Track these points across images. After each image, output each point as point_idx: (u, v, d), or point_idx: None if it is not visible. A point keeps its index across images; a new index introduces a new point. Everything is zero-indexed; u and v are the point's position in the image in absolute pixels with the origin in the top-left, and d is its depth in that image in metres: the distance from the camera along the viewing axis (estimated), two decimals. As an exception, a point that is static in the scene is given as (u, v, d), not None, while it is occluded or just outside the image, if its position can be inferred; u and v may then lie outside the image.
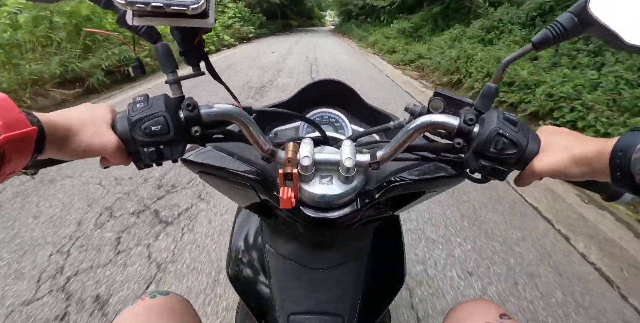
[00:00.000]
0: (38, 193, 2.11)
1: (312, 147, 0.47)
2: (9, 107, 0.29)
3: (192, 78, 0.46)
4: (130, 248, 1.66)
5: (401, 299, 1.43)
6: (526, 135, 0.40)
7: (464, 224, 1.96)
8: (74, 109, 0.39)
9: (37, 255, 1.59)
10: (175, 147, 0.41)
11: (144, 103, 0.40)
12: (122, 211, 1.96)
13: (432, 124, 0.43)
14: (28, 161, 0.32)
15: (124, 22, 0.40)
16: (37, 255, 1.59)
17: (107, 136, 0.38)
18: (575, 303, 1.46)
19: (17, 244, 1.65)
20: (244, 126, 0.44)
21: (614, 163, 0.32)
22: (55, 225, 1.81)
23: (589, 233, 1.92)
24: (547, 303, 1.46)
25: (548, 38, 0.39)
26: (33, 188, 2.15)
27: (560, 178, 0.39)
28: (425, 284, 1.52)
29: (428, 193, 0.57)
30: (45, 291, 1.40)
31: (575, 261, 1.71)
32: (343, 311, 0.54)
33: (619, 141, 0.32)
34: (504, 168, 0.40)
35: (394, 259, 0.68)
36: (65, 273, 1.49)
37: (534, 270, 1.63)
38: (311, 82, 0.71)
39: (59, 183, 2.23)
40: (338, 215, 0.48)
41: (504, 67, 0.43)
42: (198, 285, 1.46)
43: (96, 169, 2.37)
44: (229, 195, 0.66)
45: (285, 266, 0.59)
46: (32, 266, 1.53)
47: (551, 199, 2.24)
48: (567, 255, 1.75)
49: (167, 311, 0.55)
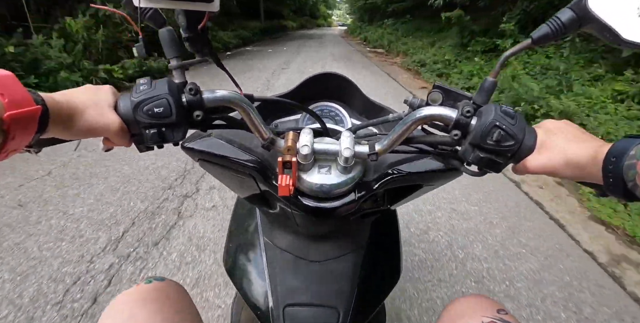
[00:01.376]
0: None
1: (312, 137, 0.47)
2: (13, 85, 0.29)
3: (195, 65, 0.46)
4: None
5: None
6: (523, 128, 0.40)
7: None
8: (77, 89, 0.40)
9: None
10: (177, 130, 0.41)
11: (148, 85, 0.40)
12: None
13: (430, 117, 0.43)
14: (31, 139, 0.32)
15: (130, 5, 0.40)
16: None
17: (110, 116, 0.38)
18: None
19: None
20: (245, 112, 0.44)
21: (606, 169, 0.33)
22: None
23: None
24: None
25: (547, 34, 0.40)
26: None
27: (553, 176, 0.40)
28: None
29: (425, 187, 0.58)
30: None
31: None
32: (338, 304, 0.55)
33: (612, 147, 0.33)
34: (500, 160, 0.41)
35: (390, 254, 0.69)
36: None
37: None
38: (311, 75, 0.71)
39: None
40: (335, 204, 0.48)
41: (504, 61, 0.43)
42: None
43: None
44: (228, 185, 0.66)
45: (281, 258, 0.59)
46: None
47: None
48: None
49: (163, 296, 0.56)
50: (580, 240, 1.88)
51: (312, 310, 0.54)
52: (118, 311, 0.53)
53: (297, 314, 0.54)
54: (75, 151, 2.41)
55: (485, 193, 2.32)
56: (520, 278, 1.58)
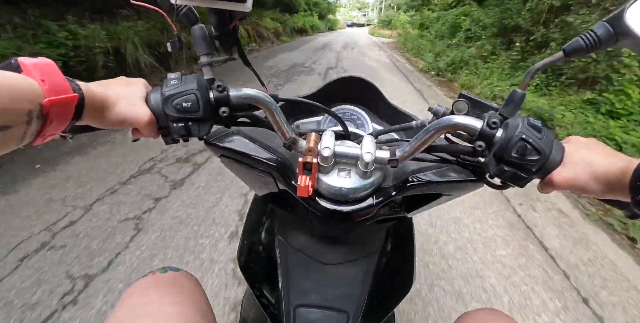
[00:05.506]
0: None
1: (333, 139, 0.47)
2: (54, 72, 0.31)
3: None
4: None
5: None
6: (550, 143, 0.39)
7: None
8: (111, 81, 0.41)
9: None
10: (203, 125, 0.42)
11: (178, 80, 0.41)
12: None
13: (455, 126, 0.43)
14: (67, 126, 0.34)
15: (166, 2, 0.42)
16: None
17: (140, 109, 0.40)
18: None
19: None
20: (269, 111, 0.45)
21: (634, 185, 0.32)
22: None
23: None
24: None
25: (581, 47, 0.39)
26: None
27: (580, 193, 0.39)
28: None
29: (445, 196, 0.57)
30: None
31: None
32: (349, 308, 0.54)
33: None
34: (525, 174, 0.40)
35: (403, 262, 0.68)
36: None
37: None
38: (335, 78, 0.71)
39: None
40: (353, 208, 0.48)
41: (533, 74, 0.42)
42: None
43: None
44: (247, 181, 0.67)
45: (295, 258, 0.59)
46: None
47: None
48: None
49: (177, 287, 0.57)
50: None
51: (322, 312, 0.54)
52: (135, 297, 0.54)
53: (308, 315, 0.53)
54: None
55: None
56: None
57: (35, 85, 0.29)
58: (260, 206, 0.76)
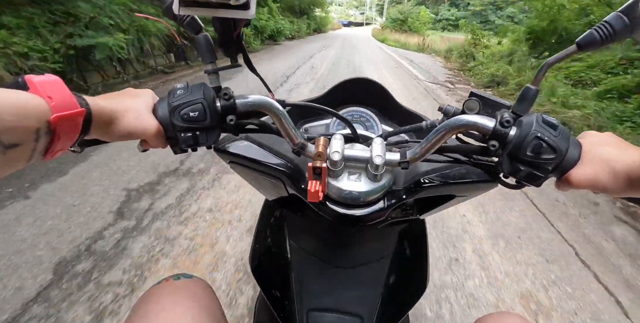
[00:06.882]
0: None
1: (342, 143, 0.47)
2: (61, 89, 0.31)
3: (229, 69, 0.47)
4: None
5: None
6: (567, 140, 0.38)
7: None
8: (119, 93, 0.41)
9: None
10: (211, 134, 0.42)
11: (184, 90, 0.41)
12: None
13: (466, 125, 0.42)
14: (75, 140, 0.34)
15: (170, 12, 0.42)
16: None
17: (148, 120, 0.40)
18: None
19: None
20: (277, 117, 0.45)
21: None
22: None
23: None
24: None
25: (594, 39, 0.37)
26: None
27: (599, 191, 0.37)
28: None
29: (458, 198, 0.56)
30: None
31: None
32: (362, 311, 0.54)
33: None
34: (541, 173, 0.38)
35: (416, 264, 0.67)
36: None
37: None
38: (344, 79, 0.71)
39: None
40: (364, 212, 0.48)
41: (546, 69, 0.41)
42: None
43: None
44: (257, 187, 0.67)
45: (307, 262, 0.59)
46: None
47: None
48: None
49: (191, 294, 0.57)
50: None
51: (335, 316, 0.53)
52: (149, 304, 0.54)
53: (321, 319, 0.53)
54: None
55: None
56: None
57: (42, 102, 0.29)
58: (270, 211, 0.76)
